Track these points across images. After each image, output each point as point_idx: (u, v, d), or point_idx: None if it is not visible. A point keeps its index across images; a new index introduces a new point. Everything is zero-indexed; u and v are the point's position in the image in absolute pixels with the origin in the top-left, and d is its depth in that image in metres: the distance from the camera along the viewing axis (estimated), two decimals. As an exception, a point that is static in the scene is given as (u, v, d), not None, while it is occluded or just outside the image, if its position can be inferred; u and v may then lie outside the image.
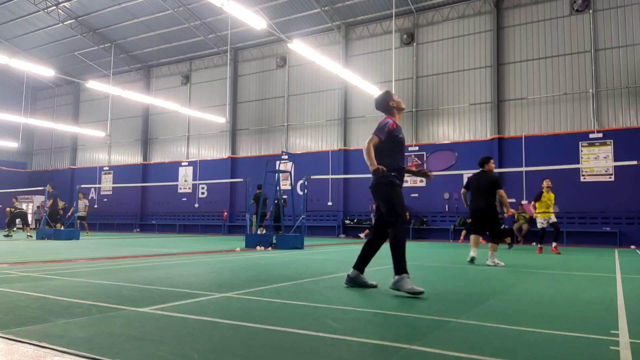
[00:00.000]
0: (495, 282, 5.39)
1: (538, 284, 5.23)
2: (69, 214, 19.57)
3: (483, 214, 7.45)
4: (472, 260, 7.43)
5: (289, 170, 13.13)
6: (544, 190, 11.54)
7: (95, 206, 27.59)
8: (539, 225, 11.58)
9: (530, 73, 17.30)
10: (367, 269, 4.71)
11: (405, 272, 4.19)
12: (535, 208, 11.56)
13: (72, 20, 23.34)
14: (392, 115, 4.65)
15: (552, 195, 11.59)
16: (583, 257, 9.76)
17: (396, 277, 4.20)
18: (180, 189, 24.82)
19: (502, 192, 7.42)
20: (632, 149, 15.02)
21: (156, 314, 3.27)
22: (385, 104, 4.75)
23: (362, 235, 18.78)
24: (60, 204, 20.86)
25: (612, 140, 15.77)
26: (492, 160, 7.84)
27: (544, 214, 11.38)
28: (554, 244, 11.41)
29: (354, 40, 20.89)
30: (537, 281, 5.55)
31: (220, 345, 2.48)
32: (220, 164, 23.73)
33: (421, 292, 4.06)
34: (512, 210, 7.91)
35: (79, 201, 18.54)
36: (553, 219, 11.45)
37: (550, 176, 15.90)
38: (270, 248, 11.21)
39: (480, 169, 7.70)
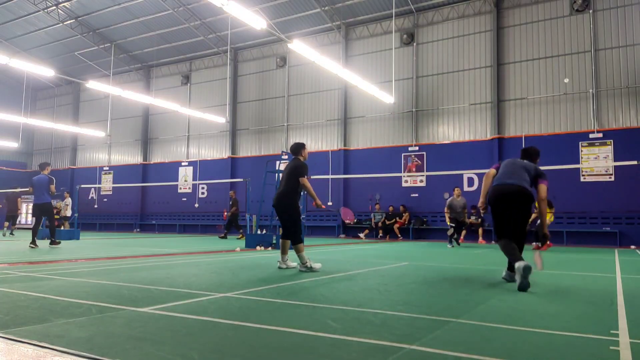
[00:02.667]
0: (495, 281, 5.39)
1: (538, 284, 5.23)
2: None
3: (278, 204, 6.30)
4: (279, 268, 6.36)
5: (289, 170, 13.12)
6: None
7: (95, 206, 27.60)
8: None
9: (530, 73, 17.29)
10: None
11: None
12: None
13: (72, 20, 23.33)
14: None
15: None
16: (583, 257, 9.76)
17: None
18: (180, 189, 24.81)
19: (304, 180, 6.20)
20: (632, 149, 15.02)
21: (156, 314, 3.27)
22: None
23: (361, 235, 18.76)
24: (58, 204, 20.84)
25: (612, 140, 15.77)
26: (305, 150, 6.55)
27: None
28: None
29: (354, 40, 20.89)
30: (537, 281, 5.55)
31: (220, 345, 2.48)
32: (220, 164, 23.73)
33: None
34: (318, 202, 6.24)
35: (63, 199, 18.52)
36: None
37: (550, 176, 15.95)
38: (270, 248, 11.22)
39: (294, 156, 6.51)
